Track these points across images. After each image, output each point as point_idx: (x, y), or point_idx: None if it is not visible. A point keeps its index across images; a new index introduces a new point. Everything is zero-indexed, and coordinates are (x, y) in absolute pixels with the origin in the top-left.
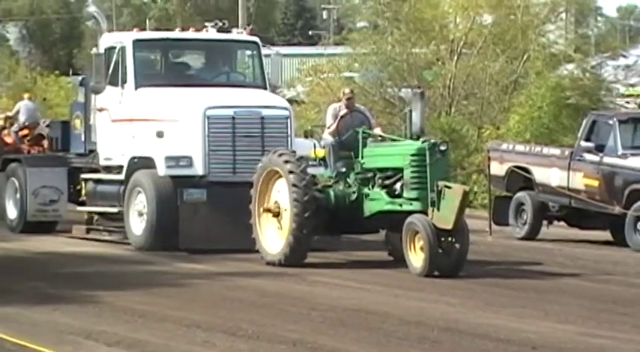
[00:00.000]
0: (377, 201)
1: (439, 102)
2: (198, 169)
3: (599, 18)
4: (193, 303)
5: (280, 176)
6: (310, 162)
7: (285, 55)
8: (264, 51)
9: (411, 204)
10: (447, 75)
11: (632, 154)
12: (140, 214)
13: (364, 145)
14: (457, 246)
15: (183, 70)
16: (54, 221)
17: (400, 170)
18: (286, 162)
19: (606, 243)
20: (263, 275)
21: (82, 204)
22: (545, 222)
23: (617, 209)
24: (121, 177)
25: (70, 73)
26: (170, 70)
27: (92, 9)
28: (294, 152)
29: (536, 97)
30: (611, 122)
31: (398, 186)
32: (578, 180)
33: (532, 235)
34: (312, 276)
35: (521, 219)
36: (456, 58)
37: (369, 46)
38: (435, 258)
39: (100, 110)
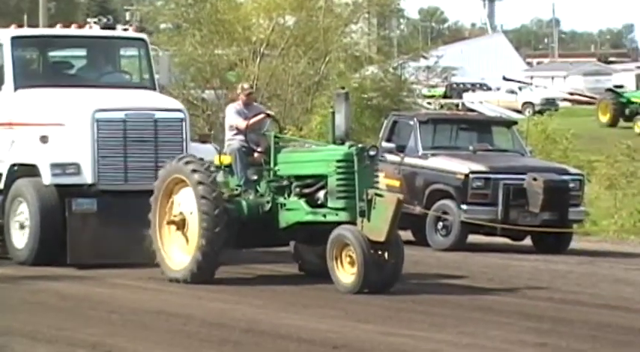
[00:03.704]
0: (295, 211)
1: None
2: (87, 177)
3: (401, 20)
4: None
5: (185, 185)
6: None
7: None
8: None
9: (337, 215)
10: (250, 76)
11: (433, 154)
12: (22, 226)
13: (277, 151)
14: (391, 259)
15: (66, 70)
16: None
17: (323, 177)
18: (194, 171)
19: (407, 242)
20: (63, 278)
21: None
22: None
23: (418, 209)
24: (0, 186)
25: None
26: (52, 70)
27: None
28: (202, 159)
29: None
30: (411, 123)
31: (321, 194)
32: (380, 181)
33: None
34: (114, 279)
35: None
36: (258, 59)
37: (172, 47)
38: (368, 273)
39: None
